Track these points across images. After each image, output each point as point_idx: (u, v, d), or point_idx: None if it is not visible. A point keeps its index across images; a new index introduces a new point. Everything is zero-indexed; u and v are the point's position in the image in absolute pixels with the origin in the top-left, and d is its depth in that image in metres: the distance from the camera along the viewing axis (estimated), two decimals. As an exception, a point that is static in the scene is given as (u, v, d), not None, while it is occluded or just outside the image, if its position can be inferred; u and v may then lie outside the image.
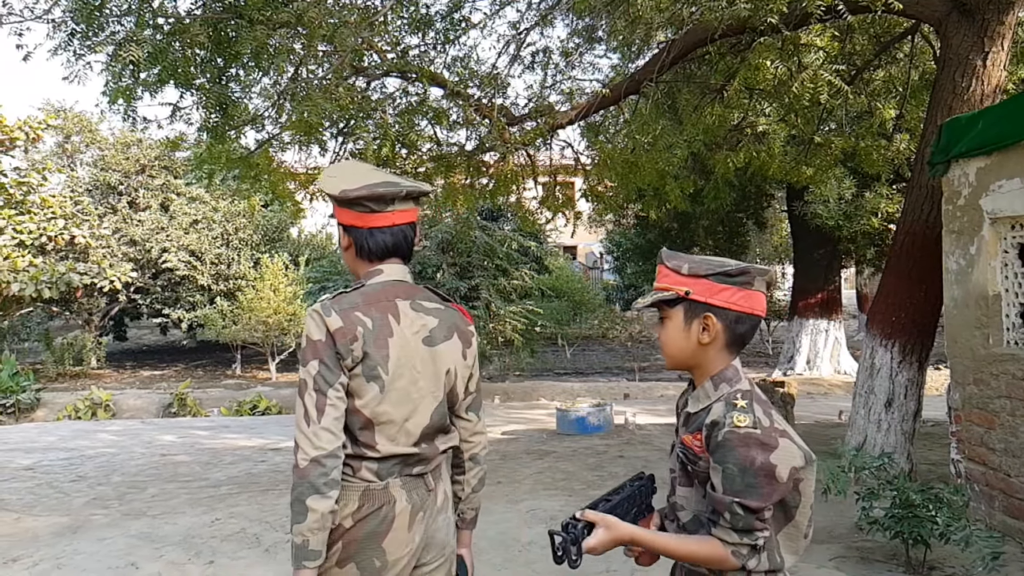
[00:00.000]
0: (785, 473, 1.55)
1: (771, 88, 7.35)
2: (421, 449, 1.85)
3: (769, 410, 1.62)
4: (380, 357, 1.78)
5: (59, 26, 5.11)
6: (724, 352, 1.71)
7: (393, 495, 1.81)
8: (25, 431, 12.25)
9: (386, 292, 1.86)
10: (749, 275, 1.67)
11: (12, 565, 4.83)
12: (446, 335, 1.91)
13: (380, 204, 1.86)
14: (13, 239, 17.55)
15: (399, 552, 1.81)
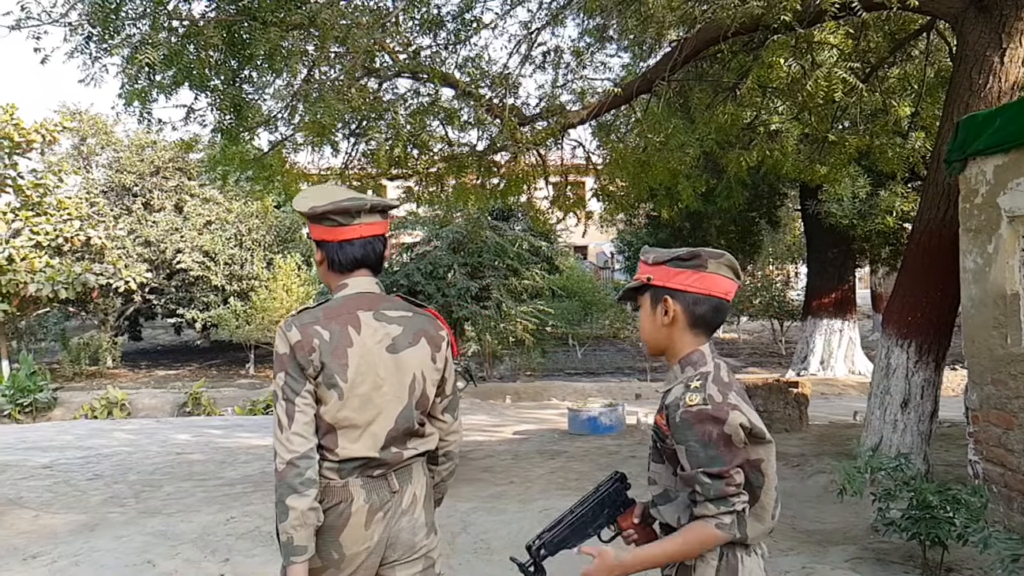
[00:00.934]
0: (739, 437, 1.66)
1: (784, 86, 7.30)
2: (382, 455, 1.94)
3: (727, 390, 1.71)
4: (338, 367, 1.89)
5: (76, 29, 5.15)
6: (689, 334, 1.82)
7: (351, 493, 1.92)
8: (42, 430, 12.37)
9: (348, 305, 1.98)
10: (700, 258, 1.79)
11: (31, 562, 4.88)
12: (411, 341, 1.99)
13: (347, 217, 1.99)
14: (30, 240, 17.73)
15: (356, 547, 1.92)
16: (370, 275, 2.06)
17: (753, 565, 1.76)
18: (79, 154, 22.83)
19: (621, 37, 8.14)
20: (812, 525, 5.19)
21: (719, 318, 1.84)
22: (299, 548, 1.83)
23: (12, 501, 6.52)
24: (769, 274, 21.58)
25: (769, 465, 1.74)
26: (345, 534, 1.91)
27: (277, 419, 1.88)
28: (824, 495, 5.85)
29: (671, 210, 9.47)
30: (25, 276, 16.93)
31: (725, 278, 1.82)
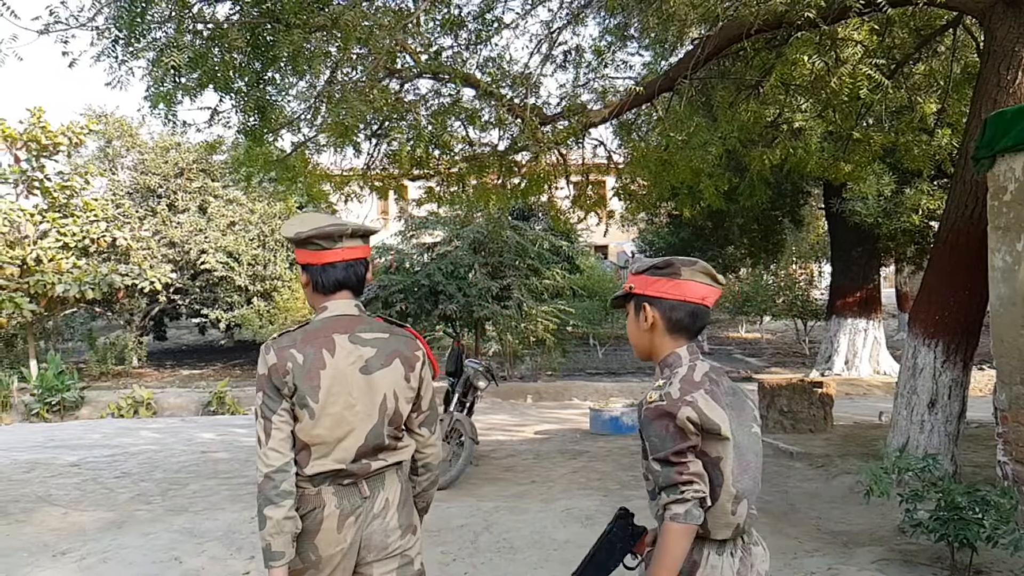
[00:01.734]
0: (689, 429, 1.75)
1: (808, 83, 7.24)
2: (351, 467, 2.08)
3: (691, 389, 1.80)
4: (309, 389, 2.03)
5: (103, 33, 5.22)
6: (668, 338, 1.94)
7: (324, 500, 2.07)
8: (70, 428, 12.54)
9: (326, 328, 2.11)
10: (673, 267, 1.92)
11: (61, 558, 4.95)
12: (383, 363, 2.11)
13: (329, 241, 2.12)
14: (57, 241, 17.97)
15: (331, 549, 2.07)
16: (351, 297, 2.18)
17: (721, 564, 1.82)
18: (105, 156, 23.11)
19: (642, 35, 8.11)
20: (837, 526, 5.15)
21: (697, 322, 1.93)
22: (277, 554, 1.98)
23: (42, 498, 6.62)
24: (792, 273, 21.39)
25: (726, 464, 1.80)
26: (319, 537, 2.06)
27: (257, 436, 2.06)
28: (849, 496, 5.80)
29: (693, 209, 9.42)
30: (53, 277, 17.17)
31: (700, 284, 1.92)
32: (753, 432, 1.94)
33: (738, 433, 1.86)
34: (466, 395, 7.25)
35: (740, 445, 1.86)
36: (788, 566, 4.37)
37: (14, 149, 18.26)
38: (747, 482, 1.85)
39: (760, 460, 1.94)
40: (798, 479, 6.53)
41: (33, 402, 15.58)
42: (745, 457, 1.87)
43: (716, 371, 1.93)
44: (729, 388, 1.92)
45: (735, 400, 1.92)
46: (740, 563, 1.85)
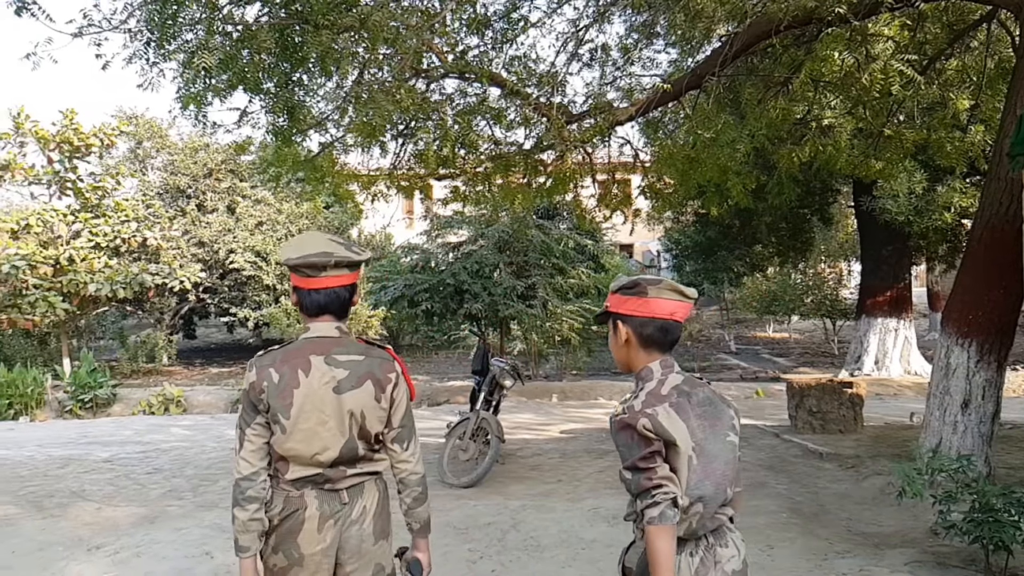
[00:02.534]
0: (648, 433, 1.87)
1: (838, 80, 7.16)
2: (327, 471, 2.25)
3: (654, 402, 1.93)
4: (281, 407, 2.19)
5: (135, 35, 5.29)
6: (642, 352, 2.06)
7: (306, 502, 2.24)
8: (103, 425, 12.75)
9: (305, 349, 2.27)
10: (640, 286, 2.06)
11: (95, 552, 5.04)
12: (354, 384, 2.25)
13: (314, 270, 2.27)
14: (90, 241, 18.26)
15: (311, 548, 2.23)
16: (333, 320, 2.33)
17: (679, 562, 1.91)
18: (135, 157, 23.45)
19: (669, 33, 8.06)
20: (868, 527, 5.09)
21: (668, 336, 2.06)
22: (243, 548, 2.21)
23: (76, 494, 6.73)
24: (820, 272, 21.16)
25: (682, 473, 1.91)
26: (301, 537, 2.23)
27: (235, 445, 2.27)
28: (880, 497, 5.73)
29: (720, 207, 9.35)
30: (85, 276, 17.46)
31: (668, 300, 2.05)
32: (728, 440, 2.03)
33: (709, 441, 1.97)
34: (492, 394, 7.26)
35: (709, 452, 1.96)
36: (819, 567, 4.33)
37: (47, 150, 18.59)
38: (708, 488, 1.94)
39: (732, 467, 2.02)
40: (828, 480, 6.47)
41: (67, 399, 15.86)
42: (712, 464, 1.96)
43: (690, 383, 2.05)
44: (705, 399, 2.03)
45: (709, 410, 2.02)
46: (700, 563, 1.95)
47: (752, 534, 5.00)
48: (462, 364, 19.60)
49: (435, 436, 9.34)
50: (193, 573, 4.61)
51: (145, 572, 4.64)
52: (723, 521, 2.02)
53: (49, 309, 17.06)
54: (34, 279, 17.07)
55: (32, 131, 18.14)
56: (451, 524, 5.39)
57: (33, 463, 8.20)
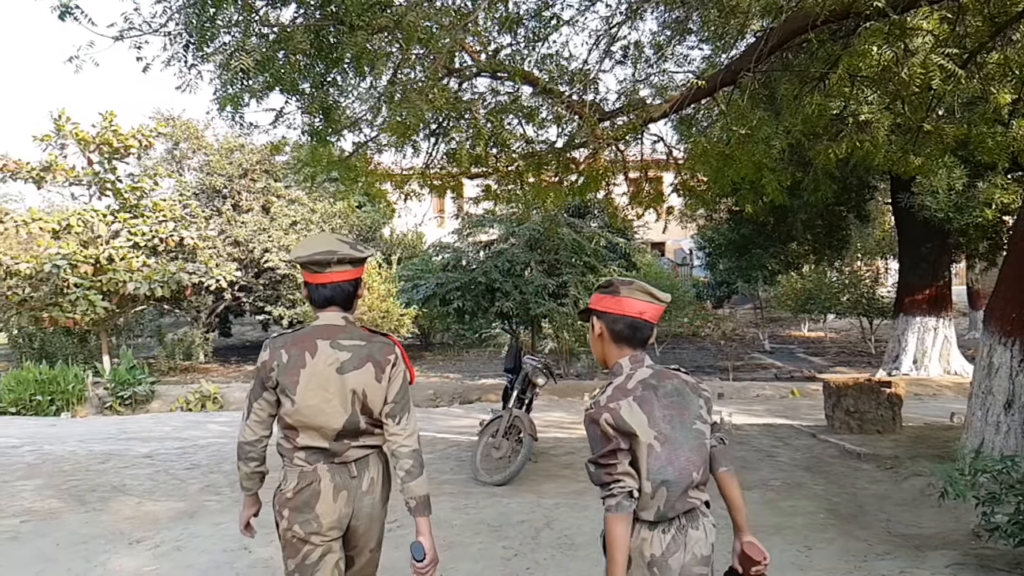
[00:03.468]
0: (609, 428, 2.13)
1: (876, 75, 7.03)
2: (332, 445, 2.51)
3: (620, 396, 2.16)
4: (290, 383, 2.49)
5: (174, 38, 5.38)
6: (615, 347, 2.30)
7: (320, 475, 2.51)
8: (141, 421, 13.00)
9: (314, 334, 2.55)
10: (613, 286, 2.31)
11: (136, 546, 5.14)
12: (356, 365, 2.52)
13: (319, 267, 2.55)
14: (128, 241, 18.60)
15: (329, 517, 2.50)
16: (339, 311, 2.61)
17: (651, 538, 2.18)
18: (172, 158, 23.83)
19: (702, 29, 7.99)
20: (908, 529, 5.01)
21: (638, 334, 2.28)
22: (247, 488, 2.71)
23: (117, 488, 6.88)
24: (857, 270, 20.83)
25: (642, 461, 2.14)
26: (319, 507, 2.49)
27: (243, 411, 2.62)
28: (920, 498, 5.65)
29: (755, 204, 9.25)
30: (124, 275, 17.79)
31: (637, 300, 2.27)
32: (694, 428, 2.24)
33: (676, 430, 2.19)
34: (525, 392, 7.26)
35: (674, 440, 2.18)
36: (859, 568, 4.27)
37: (87, 152, 18.98)
38: (671, 473, 2.15)
39: (698, 453, 2.22)
40: (866, 481, 6.37)
41: (106, 395, 16.19)
42: (676, 451, 2.18)
43: (659, 376, 2.27)
44: (673, 390, 2.25)
45: (677, 400, 2.24)
46: (672, 540, 2.18)
47: (789, 534, 4.95)
48: (493, 362, 19.63)
49: (468, 434, 9.37)
50: (232, 567, 4.68)
51: (185, 565, 4.73)
52: (696, 505, 2.24)
53: (89, 307, 17.42)
54: (75, 278, 17.43)
55: (73, 133, 18.54)
56: (485, 521, 5.41)
57: (75, 458, 8.39)
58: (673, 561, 2.17)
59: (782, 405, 12.53)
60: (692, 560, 2.19)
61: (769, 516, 5.40)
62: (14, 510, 6.16)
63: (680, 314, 20.70)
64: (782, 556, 4.54)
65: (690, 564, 2.19)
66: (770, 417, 10.63)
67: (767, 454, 7.59)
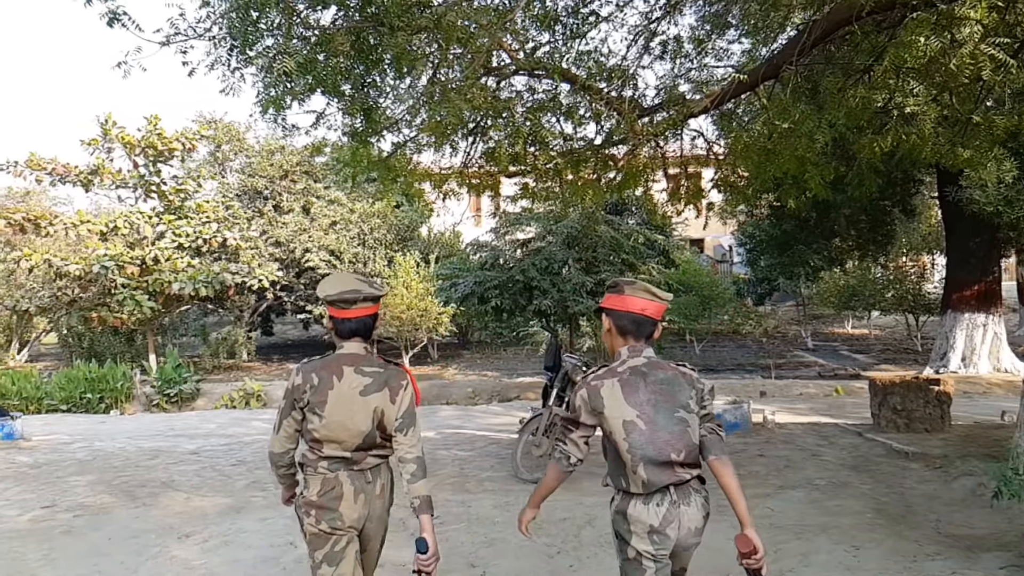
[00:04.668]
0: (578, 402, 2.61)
1: (922, 66, 6.87)
2: (353, 455, 2.87)
3: (605, 377, 2.58)
4: (318, 403, 2.84)
5: (219, 42, 5.47)
6: (619, 339, 2.67)
7: (341, 481, 2.86)
8: (188, 419, 13.27)
9: (340, 360, 2.92)
10: (619, 287, 2.69)
11: (186, 540, 5.25)
12: (377, 388, 2.88)
13: (347, 304, 2.93)
14: (173, 242, 19.00)
15: (350, 516, 2.86)
16: (361, 342, 2.99)
17: (646, 509, 2.49)
18: (215, 160, 24.27)
19: (742, 23, 7.89)
20: (959, 530, 4.90)
21: (640, 328, 2.63)
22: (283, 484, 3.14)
23: (166, 484, 7.03)
24: (902, 266, 20.40)
25: (617, 435, 2.51)
26: (342, 507, 2.85)
27: (273, 426, 2.98)
28: (971, 499, 5.52)
29: (798, 200, 9.11)
30: (169, 275, 18.16)
31: (639, 298, 2.62)
32: (677, 416, 2.52)
33: (659, 414, 2.50)
34: (564, 390, 7.24)
35: (655, 422, 2.49)
36: (908, 569, 4.19)
37: (133, 155, 19.41)
38: (650, 450, 2.46)
39: (678, 437, 2.49)
40: (914, 480, 6.25)
41: (153, 393, 16.56)
42: (656, 432, 2.48)
43: (652, 366, 2.59)
44: (664, 380, 2.56)
45: (666, 389, 2.55)
46: (667, 513, 2.46)
47: (836, 534, 4.88)
48: (530, 361, 19.63)
49: (507, 432, 9.40)
50: (278, 561, 4.76)
51: (233, 560, 4.81)
52: (686, 479, 2.50)
53: (136, 307, 17.82)
54: (122, 279, 17.85)
55: (119, 137, 18.98)
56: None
57: (125, 454, 8.60)
58: (671, 531, 2.47)
59: (826, 403, 12.34)
60: (687, 533, 2.50)
61: (815, 515, 5.32)
62: (67, 505, 6.33)
63: (720, 311, 20.49)
64: (829, 556, 4.48)
65: (685, 536, 2.50)
66: (814, 416, 10.48)
67: (812, 453, 7.48)
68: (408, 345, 19.87)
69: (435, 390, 16.10)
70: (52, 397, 15.94)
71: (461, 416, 12.67)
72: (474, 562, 4.65)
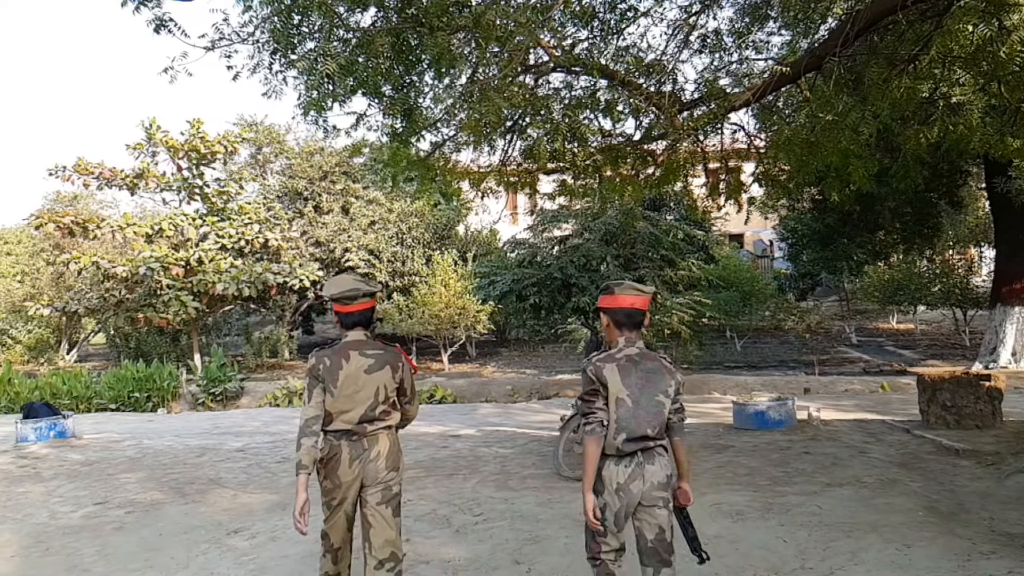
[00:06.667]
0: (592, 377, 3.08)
1: (970, 55, 6.70)
2: (355, 427, 3.50)
3: (606, 361, 3.10)
4: (331, 381, 3.48)
5: (262, 46, 5.56)
6: (615, 331, 3.20)
7: (341, 448, 3.50)
8: (233, 417, 13.49)
9: (347, 346, 3.57)
10: (610, 288, 3.23)
11: (234, 536, 5.36)
12: (379, 367, 3.54)
13: (349, 300, 3.60)
14: (216, 243, 19.33)
15: (346, 477, 3.49)
16: (362, 330, 3.63)
17: (617, 468, 3.08)
18: (256, 162, 24.62)
19: (782, 14, 7.78)
20: (1014, 528, 4.79)
21: (631, 319, 3.17)
22: (304, 466, 3.39)
23: (213, 481, 7.16)
24: (949, 259, 19.93)
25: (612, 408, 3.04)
26: (339, 470, 3.48)
27: (304, 400, 3.55)
28: (1026, 497, 5.38)
29: (841, 192, 8.96)
30: (213, 276, 18.48)
31: (628, 295, 3.16)
32: (656, 399, 3.08)
33: (644, 395, 3.06)
34: (606, 387, 7.22)
35: (639, 403, 3.05)
36: (962, 568, 4.11)
37: (176, 159, 19.79)
38: (632, 424, 3.02)
39: (654, 415, 3.06)
40: (966, 478, 6.11)
41: (199, 392, 16.87)
42: (639, 411, 3.04)
43: (641, 355, 3.13)
44: (651, 368, 3.10)
45: (651, 375, 3.10)
46: (632, 472, 3.04)
47: (887, 532, 4.80)
48: (568, 358, 19.59)
49: (547, 429, 9.40)
50: (326, 557, 4.81)
51: (281, 555, 4.89)
52: (653, 447, 3.07)
53: (181, 308, 18.17)
54: (167, 280, 18.22)
55: (163, 141, 19.36)
56: (570, 516, 5.42)
57: (173, 452, 8.78)
58: (633, 487, 3.04)
59: (872, 400, 12.12)
60: (650, 487, 3.05)
61: (864, 513, 5.23)
62: (119, 501, 6.49)
63: (761, 307, 20.23)
64: (880, 555, 4.40)
65: (649, 489, 3.04)
66: (860, 412, 10.30)
67: (859, 450, 7.36)
68: (446, 343, 19.97)
69: (474, 388, 16.15)
70: (101, 396, 16.33)
71: (501, 413, 12.70)
72: (519, 559, 4.66)
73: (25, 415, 10.05)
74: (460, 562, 4.63)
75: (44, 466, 8.07)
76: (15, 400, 15.78)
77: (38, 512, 6.21)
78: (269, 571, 4.66)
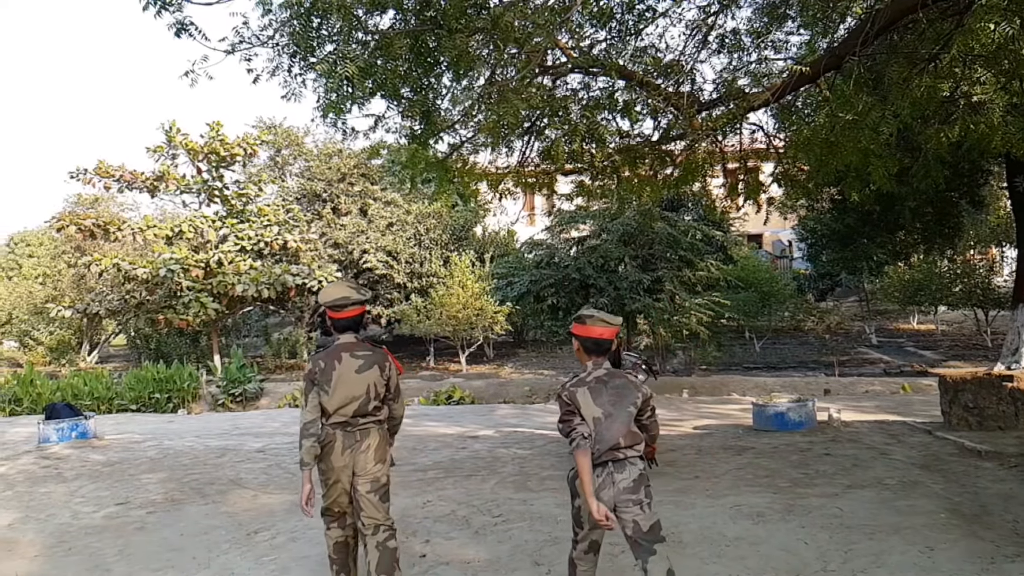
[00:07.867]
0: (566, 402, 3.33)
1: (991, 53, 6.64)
2: (349, 419, 3.84)
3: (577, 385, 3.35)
4: (325, 381, 3.82)
5: (282, 49, 5.60)
6: (586, 355, 3.47)
7: (335, 437, 3.84)
8: (252, 417, 13.57)
9: (339, 348, 3.91)
10: (581, 318, 3.48)
11: (255, 536, 5.39)
12: (368, 367, 3.89)
13: (340, 307, 3.94)
14: (236, 245, 19.46)
15: (338, 463, 3.85)
16: (352, 334, 3.97)
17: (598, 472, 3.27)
18: (275, 164, 24.80)
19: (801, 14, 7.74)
20: (1040, 532, 4.73)
21: (599, 347, 3.43)
22: (306, 463, 3.76)
23: (233, 481, 7.22)
24: (970, 259, 19.71)
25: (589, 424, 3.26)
26: (332, 456, 3.83)
27: (302, 403, 3.88)
28: (1051, 500, 5.31)
29: (861, 192, 8.89)
30: (232, 278, 18.63)
31: (597, 327, 3.42)
32: (627, 411, 3.31)
33: (616, 410, 3.30)
34: (624, 388, 7.20)
35: (612, 417, 3.29)
36: (986, 571, 4.07)
37: (196, 161, 19.96)
38: (607, 437, 3.25)
39: (626, 425, 3.29)
40: (989, 480, 6.05)
41: (219, 393, 17.00)
42: (612, 425, 3.27)
43: (610, 375, 3.39)
44: (619, 385, 3.35)
45: (620, 391, 3.34)
46: (603, 481, 3.24)
47: (909, 534, 4.76)
48: (587, 359, 19.53)
49: (566, 430, 9.38)
50: (346, 557, 4.83)
51: (301, 556, 4.92)
52: (624, 457, 3.28)
53: (201, 309, 18.33)
54: (187, 281, 18.37)
55: (183, 144, 19.53)
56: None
57: (194, 452, 8.85)
58: (604, 494, 3.23)
59: (893, 401, 12.03)
60: (619, 492, 3.24)
61: (886, 515, 5.19)
62: (140, 501, 6.55)
63: (780, 308, 20.10)
64: (903, 557, 4.37)
65: (619, 494, 3.24)
66: (881, 414, 10.22)
67: (880, 452, 7.30)
68: (464, 344, 20.00)
69: (492, 389, 16.17)
70: (122, 397, 16.49)
71: (519, 415, 12.70)
72: (539, 560, 4.67)
73: (47, 416, 10.16)
74: (480, 563, 4.64)
75: (66, 466, 8.16)
76: (37, 401, 15.96)
77: (61, 512, 6.28)
78: (290, 571, 4.69)
